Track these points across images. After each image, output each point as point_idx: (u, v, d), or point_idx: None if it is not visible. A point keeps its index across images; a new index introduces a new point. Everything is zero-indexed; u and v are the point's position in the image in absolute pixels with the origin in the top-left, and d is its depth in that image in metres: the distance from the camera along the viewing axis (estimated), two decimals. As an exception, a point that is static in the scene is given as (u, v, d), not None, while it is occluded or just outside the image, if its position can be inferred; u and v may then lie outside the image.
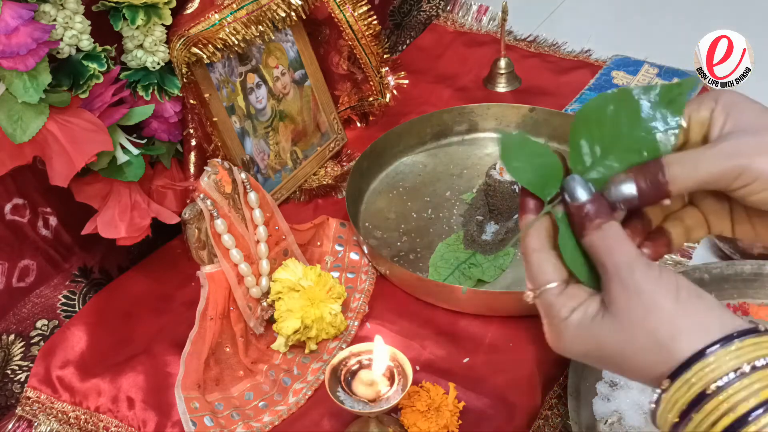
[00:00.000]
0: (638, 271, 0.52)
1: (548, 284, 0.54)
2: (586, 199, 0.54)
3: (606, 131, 0.55)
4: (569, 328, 0.53)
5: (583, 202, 0.54)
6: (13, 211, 0.91)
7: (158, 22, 0.90)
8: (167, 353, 0.90)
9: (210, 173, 0.87)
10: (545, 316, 0.55)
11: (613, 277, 0.52)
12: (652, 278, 0.51)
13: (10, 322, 0.92)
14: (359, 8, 1.15)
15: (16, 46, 0.74)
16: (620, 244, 0.53)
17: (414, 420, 0.80)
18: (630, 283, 0.51)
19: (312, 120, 1.16)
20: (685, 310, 0.50)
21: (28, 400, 0.89)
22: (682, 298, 0.51)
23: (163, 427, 0.84)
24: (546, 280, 0.54)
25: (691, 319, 0.50)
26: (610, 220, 0.53)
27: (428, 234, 1.06)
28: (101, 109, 0.84)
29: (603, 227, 0.53)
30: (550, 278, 0.54)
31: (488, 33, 1.45)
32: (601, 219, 0.53)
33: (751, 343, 0.48)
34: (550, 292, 0.54)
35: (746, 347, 0.48)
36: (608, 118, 0.55)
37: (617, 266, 0.52)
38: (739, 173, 0.52)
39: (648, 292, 0.51)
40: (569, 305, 0.53)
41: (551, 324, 0.54)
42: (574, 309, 0.53)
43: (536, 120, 1.18)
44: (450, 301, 0.94)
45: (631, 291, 0.51)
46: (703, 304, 0.51)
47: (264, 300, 0.93)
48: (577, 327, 0.53)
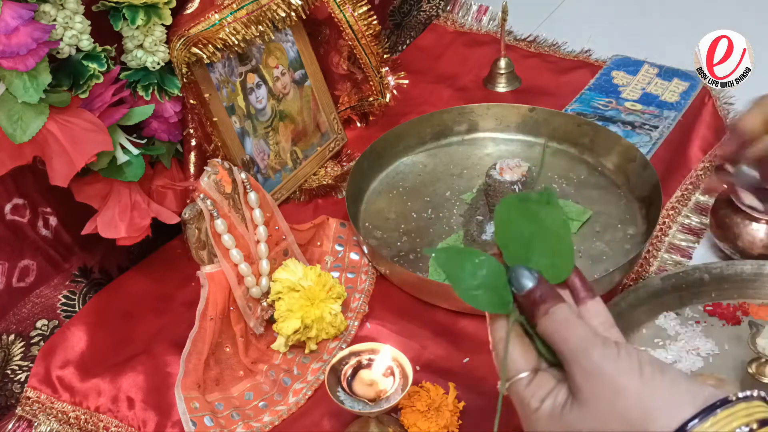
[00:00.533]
0: (595, 352, 0.52)
1: (518, 375, 0.55)
2: (532, 286, 0.55)
3: (520, 229, 0.59)
4: (541, 420, 0.53)
5: (530, 289, 0.55)
6: (13, 211, 0.91)
7: (158, 22, 0.90)
8: (167, 353, 0.90)
9: (210, 173, 0.87)
10: (518, 408, 0.55)
11: (571, 363, 0.52)
12: (611, 358, 0.52)
13: (10, 322, 0.92)
14: (359, 8, 1.15)
15: (16, 46, 0.74)
16: (571, 328, 0.53)
17: (414, 420, 0.80)
18: (589, 367, 0.52)
19: (312, 120, 1.16)
20: (652, 389, 0.50)
21: (28, 400, 0.89)
22: (646, 375, 0.51)
23: (163, 427, 0.84)
24: (515, 370, 0.55)
25: (661, 398, 0.50)
26: (558, 304, 0.54)
27: (428, 234, 1.06)
28: (101, 109, 0.84)
29: (550, 312, 0.54)
30: (519, 368, 0.55)
31: (488, 33, 1.45)
32: (548, 304, 0.54)
33: (725, 414, 0.48)
34: (519, 383, 0.55)
35: (721, 419, 0.48)
36: (515, 221, 0.59)
37: (573, 351, 0.52)
38: None
39: (610, 374, 0.51)
40: (538, 395, 0.54)
41: (524, 416, 0.55)
42: (543, 399, 0.54)
43: (536, 120, 1.18)
44: (450, 301, 0.94)
45: (594, 375, 0.51)
46: (668, 378, 0.51)
47: (264, 300, 0.93)
48: (548, 418, 0.53)
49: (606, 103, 1.24)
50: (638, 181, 1.07)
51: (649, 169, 1.05)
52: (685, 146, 1.18)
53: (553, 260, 0.58)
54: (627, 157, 1.10)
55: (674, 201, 1.11)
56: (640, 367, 0.51)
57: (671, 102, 1.23)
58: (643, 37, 1.50)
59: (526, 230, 0.59)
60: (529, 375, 0.55)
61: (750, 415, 0.49)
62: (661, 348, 0.91)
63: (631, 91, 1.26)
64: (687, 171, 1.15)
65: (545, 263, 0.58)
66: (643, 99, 1.24)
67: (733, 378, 0.87)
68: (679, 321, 0.93)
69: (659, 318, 0.93)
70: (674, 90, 1.25)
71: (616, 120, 1.20)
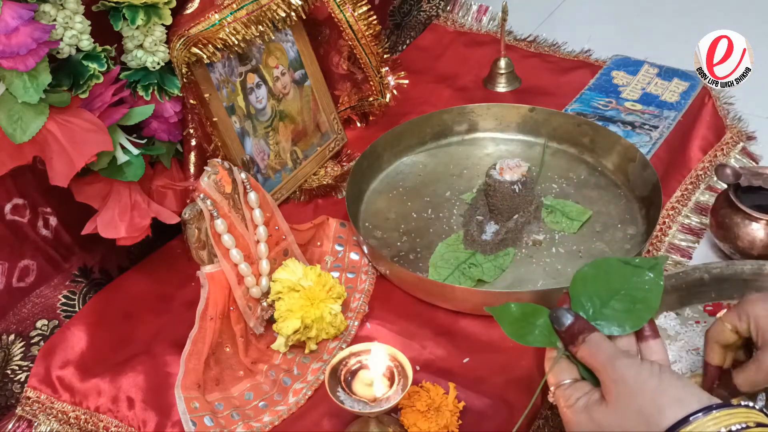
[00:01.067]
0: (619, 362, 0.64)
1: (564, 380, 0.68)
2: (570, 322, 0.68)
3: (601, 287, 0.71)
4: (575, 412, 0.65)
5: (568, 325, 0.68)
6: (13, 211, 0.91)
7: (158, 22, 0.90)
8: (167, 353, 0.90)
9: (210, 173, 0.87)
10: (560, 405, 0.67)
11: (602, 374, 0.65)
12: (633, 366, 0.63)
13: (10, 322, 0.93)
14: (359, 8, 1.15)
15: (16, 46, 0.74)
16: (601, 347, 0.66)
17: (414, 420, 0.80)
18: (613, 373, 0.63)
19: (312, 120, 1.16)
20: (666, 389, 0.61)
21: (28, 400, 0.89)
22: (664, 378, 0.62)
23: (163, 427, 0.84)
24: (561, 378, 0.68)
25: (672, 395, 0.60)
26: (591, 333, 0.67)
27: (428, 234, 1.06)
28: (101, 109, 0.84)
29: (586, 340, 0.67)
30: (564, 377, 0.68)
31: (488, 33, 1.45)
32: (584, 334, 0.67)
33: (725, 413, 0.58)
34: (563, 386, 0.68)
35: (722, 416, 0.58)
36: (602, 278, 0.71)
37: (602, 364, 0.65)
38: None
39: (632, 377, 0.62)
40: (576, 395, 0.66)
41: (565, 407, 0.66)
42: (579, 398, 0.66)
43: (536, 120, 1.18)
44: (450, 301, 0.94)
45: (618, 381, 0.63)
46: (682, 382, 0.62)
47: (264, 300, 0.93)
48: (581, 411, 0.65)
49: (606, 103, 1.24)
50: (638, 181, 1.07)
51: (649, 169, 1.05)
52: (685, 146, 1.18)
53: (627, 316, 0.69)
54: (627, 157, 1.10)
55: (674, 201, 1.11)
56: (660, 371, 0.62)
57: (671, 102, 1.23)
58: (643, 37, 1.51)
59: (611, 286, 0.71)
60: (571, 381, 0.68)
61: (749, 418, 0.58)
62: (661, 348, 0.91)
63: (631, 91, 1.26)
64: (687, 171, 1.15)
65: (619, 317, 0.70)
66: (643, 99, 1.24)
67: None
68: (679, 321, 0.93)
69: (659, 318, 0.93)
70: (674, 90, 1.25)
71: (616, 120, 1.20)
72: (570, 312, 0.69)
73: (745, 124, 1.24)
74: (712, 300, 0.95)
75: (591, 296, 0.71)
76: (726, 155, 1.19)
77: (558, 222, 1.05)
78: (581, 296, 0.71)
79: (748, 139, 1.23)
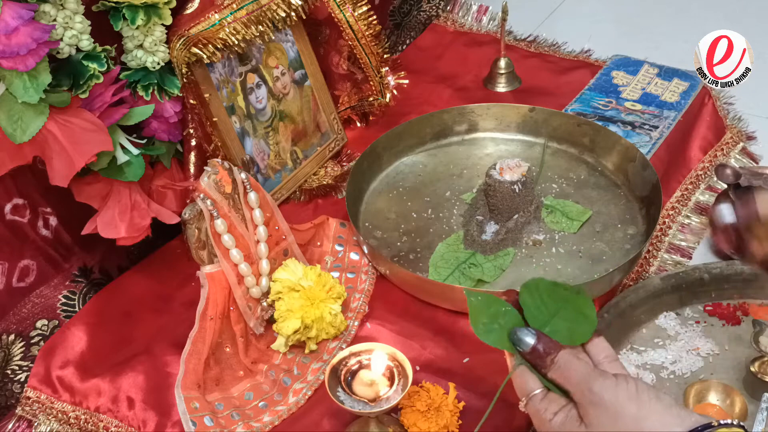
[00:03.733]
0: (595, 385, 0.62)
1: (532, 392, 0.65)
2: (533, 342, 0.65)
3: (542, 307, 0.69)
4: (554, 430, 0.63)
5: (533, 346, 0.65)
6: (13, 211, 0.91)
7: (158, 22, 0.90)
8: (167, 353, 0.90)
9: (210, 173, 0.87)
10: (533, 420, 0.65)
11: (577, 396, 0.63)
12: (610, 387, 0.61)
13: (10, 322, 0.93)
14: (359, 8, 1.15)
15: (16, 46, 0.74)
16: (572, 368, 0.64)
17: (414, 420, 0.80)
18: (591, 397, 0.61)
19: (312, 120, 1.16)
20: (647, 413, 0.59)
21: (28, 400, 0.89)
22: (643, 401, 0.60)
23: (163, 427, 0.84)
24: (530, 388, 0.65)
25: (655, 420, 0.59)
26: (559, 352, 0.65)
27: (428, 234, 1.06)
28: (101, 109, 0.84)
29: (555, 362, 0.64)
30: (533, 386, 0.65)
31: (488, 33, 1.45)
32: (552, 355, 0.65)
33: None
34: (534, 398, 0.65)
35: None
36: (540, 300, 0.69)
37: (577, 387, 0.63)
38: None
39: (610, 401, 0.61)
40: (551, 409, 0.64)
41: (540, 423, 0.64)
42: (556, 413, 0.63)
43: (536, 120, 1.18)
44: (450, 301, 0.94)
45: (596, 405, 0.61)
46: (662, 405, 0.60)
47: (264, 300, 0.93)
48: (560, 429, 0.63)
49: (606, 103, 1.24)
50: (638, 181, 1.07)
51: (649, 169, 1.05)
52: (685, 146, 1.18)
53: (571, 327, 0.68)
54: (627, 157, 1.10)
55: (674, 201, 1.11)
56: (638, 394, 0.61)
57: (671, 102, 1.23)
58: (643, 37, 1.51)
59: (552, 307, 0.69)
60: (542, 392, 0.65)
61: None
62: (661, 348, 0.91)
63: (631, 91, 1.26)
64: (687, 171, 1.15)
65: (563, 328, 0.68)
66: (643, 99, 1.24)
67: (734, 377, 0.87)
68: (679, 321, 0.93)
69: (659, 318, 0.93)
70: (674, 90, 1.25)
71: (616, 120, 1.20)
72: (530, 330, 0.66)
73: (745, 124, 1.24)
74: (712, 300, 0.95)
75: (536, 313, 0.69)
76: (726, 155, 1.19)
77: (558, 222, 1.05)
78: (533, 311, 0.69)
79: (748, 139, 1.23)
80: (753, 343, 0.85)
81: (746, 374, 0.86)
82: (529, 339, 0.66)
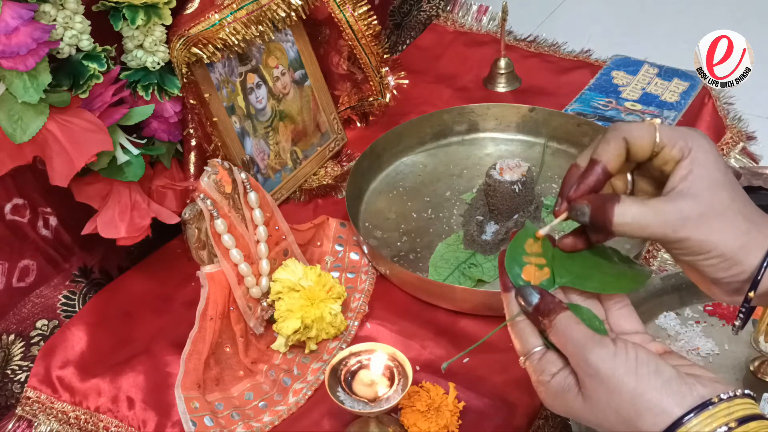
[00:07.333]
0: (593, 355, 0.57)
1: (533, 349, 0.62)
2: (537, 301, 0.61)
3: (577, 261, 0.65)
4: (550, 391, 0.60)
5: (535, 304, 0.61)
6: (13, 211, 0.91)
7: (158, 22, 0.90)
8: (167, 353, 0.90)
9: (210, 173, 0.87)
10: (532, 377, 0.62)
11: (574, 364, 0.59)
12: (608, 357, 0.57)
13: (10, 322, 0.93)
14: (359, 8, 1.15)
15: (16, 46, 0.74)
16: (569, 334, 0.59)
17: (414, 420, 0.80)
18: (587, 368, 0.57)
19: (312, 120, 1.16)
20: (644, 389, 0.56)
21: (28, 400, 0.89)
22: (641, 376, 0.56)
23: (163, 427, 0.84)
24: (531, 345, 0.62)
25: (651, 399, 0.55)
26: (560, 313, 0.60)
27: (428, 234, 1.06)
28: (101, 109, 0.84)
29: (554, 324, 0.60)
30: (533, 343, 0.62)
31: (488, 33, 1.45)
32: (552, 315, 0.60)
33: (706, 416, 0.54)
34: (534, 356, 0.62)
35: (703, 421, 0.54)
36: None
37: (573, 355, 0.59)
38: (678, 240, 0.59)
39: (606, 374, 0.57)
40: (548, 370, 0.60)
41: (537, 383, 0.61)
42: (554, 374, 0.60)
43: (536, 120, 1.18)
44: (450, 301, 0.94)
45: (593, 375, 0.57)
46: (661, 380, 0.56)
47: (264, 300, 0.93)
48: (557, 392, 0.60)
49: (606, 103, 1.24)
50: (638, 181, 1.07)
51: (649, 169, 1.05)
52: (685, 146, 1.18)
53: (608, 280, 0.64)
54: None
55: (674, 201, 1.10)
56: (637, 367, 0.56)
57: (671, 102, 1.23)
58: (643, 37, 1.51)
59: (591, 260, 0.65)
60: (541, 349, 0.61)
61: (730, 414, 0.54)
62: (661, 348, 0.91)
63: (631, 91, 1.26)
64: (687, 171, 1.14)
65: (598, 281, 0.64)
66: (643, 99, 1.24)
67: (734, 378, 0.87)
68: (679, 321, 0.93)
69: (659, 318, 0.93)
70: (674, 90, 1.25)
71: (616, 120, 1.20)
72: (536, 289, 0.62)
73: (745, 124, 1.24)
74: (712, 300, 0.95)
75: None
76: (726, 155, 1.19)
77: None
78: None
79: (748, 139, 1.23)
80: (753, 343, 0.85)
81: (746, 374, 0.86)
82: (533, 299, 0.61)
